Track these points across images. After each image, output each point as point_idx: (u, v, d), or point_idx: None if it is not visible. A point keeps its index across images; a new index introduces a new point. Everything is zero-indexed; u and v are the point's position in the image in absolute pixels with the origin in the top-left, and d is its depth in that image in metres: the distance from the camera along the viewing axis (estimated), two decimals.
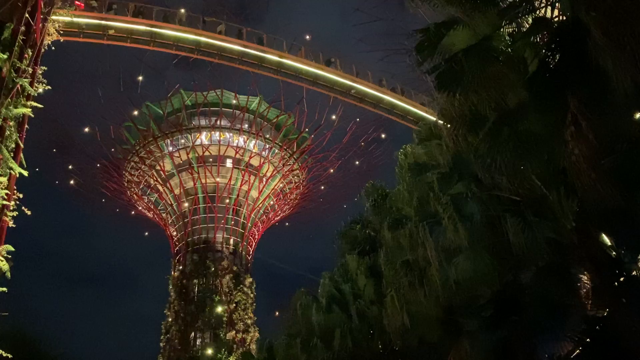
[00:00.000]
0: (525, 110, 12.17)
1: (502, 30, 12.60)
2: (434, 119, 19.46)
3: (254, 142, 62.69)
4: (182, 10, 45.05)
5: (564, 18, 11.71)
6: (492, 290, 13.93)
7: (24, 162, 16.40)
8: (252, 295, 59.71)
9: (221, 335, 55.64)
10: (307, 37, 51.45)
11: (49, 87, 18.44)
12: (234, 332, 56.03)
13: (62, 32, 20.56)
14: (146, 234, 75.28)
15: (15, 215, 16.13)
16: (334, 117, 58.64)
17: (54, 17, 19.63)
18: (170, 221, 64.55)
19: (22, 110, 16.61)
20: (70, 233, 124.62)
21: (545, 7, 12.24)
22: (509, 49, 12.86)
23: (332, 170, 64.70)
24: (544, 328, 12.12)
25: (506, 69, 12.42)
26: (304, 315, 25.80)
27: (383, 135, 60.90)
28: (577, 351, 12.54)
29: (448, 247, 15.13)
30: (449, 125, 14.02)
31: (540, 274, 12.72)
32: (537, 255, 12.63)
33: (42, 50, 18.94)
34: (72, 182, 61.90)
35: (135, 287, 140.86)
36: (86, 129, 57.65)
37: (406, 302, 17.94)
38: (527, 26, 12.39)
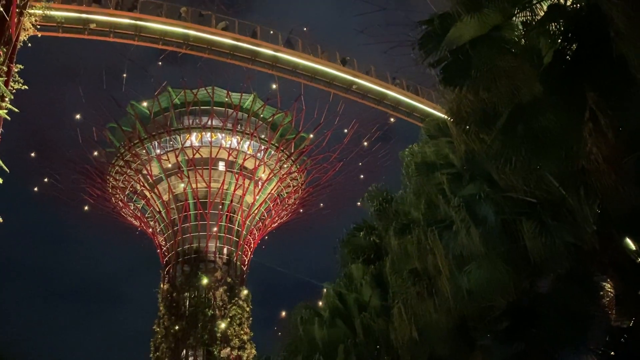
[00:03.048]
0: (541, 105, 12.13)
1: (514, 19, 12.57)
2: (443, 115, 19.42)
3: (248, 143, 62.76)
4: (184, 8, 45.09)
5: (582, 5, 11.68)
6: (508, 301, 13.87)
7: (4, 167, 16.29)
8: (247, 309, 59.68)
9: (215, 352, 55.55)
10: (304, 29, 51.59)
11: (26, 87, 18.38)
12: (228, 349, 55.93)
13: (39, 26, 20.55)
14: (133, 243, 75.33)
15: None
16: (334, 115, 58.71)
17: (30, 11, 19.62)
18: (158, 230, 64.53)
19: None
20: (50, 244, 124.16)
21: None
22: (522, 40, 12.83)
23: (335, 170, 64.67)
24: (564, 340, 12.09)
25: (519, 61, 12.36)
26: (305, 330, 25.73)
27: (387, 135, 61.01)
28: None
29: (459, 253, 15.07)
30: (456, 122, 14.01)
31: (559, 282, 12.70)
32: (555, 262, 12.61)
33: (18, 46, 18.93)
34: (51, 188, 61.84)
35: (122, 301, 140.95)
36: (67, 131, 57.77)
37: (414, 314, 17.89)
38: (541, 14, 12.36)
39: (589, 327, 12.01)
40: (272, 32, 48.33)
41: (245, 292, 60.51)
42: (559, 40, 11.87)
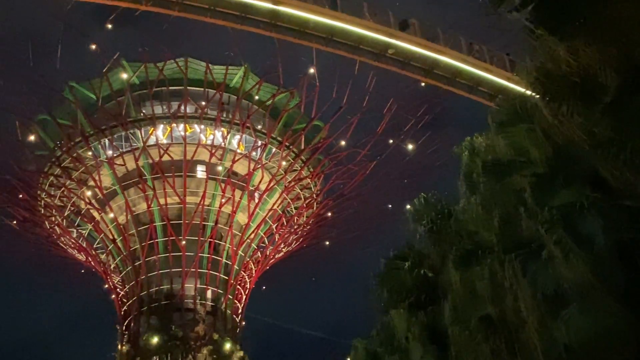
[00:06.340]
0: None
1: None
2: (522, 89, 19.35)
3: (238, 137, 63.08)
4: None
5: None
6: (628, 358, 13.73)
7: None
8: None
9: None
10: None
11: None
12: None
13: None
14: (75, 287, 75.84)
15: None
16: (362, 94, 58.70)
17: None
18: (112, 266, 65.00)
19: None
20: None
21: None
22: None
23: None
24: None
25: (632, 6, 12.31)
26: None
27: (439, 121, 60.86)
28: None
29: (554, 292, 14.95)
30: (546, 97, 13.88)
31: None
32: None
33: None
34: None
35: None
36: None
37: None
38: None
39: None
40: None
41: (239, 353, 60.62)
42: None
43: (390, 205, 64.20)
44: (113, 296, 65.34)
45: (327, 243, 72.00)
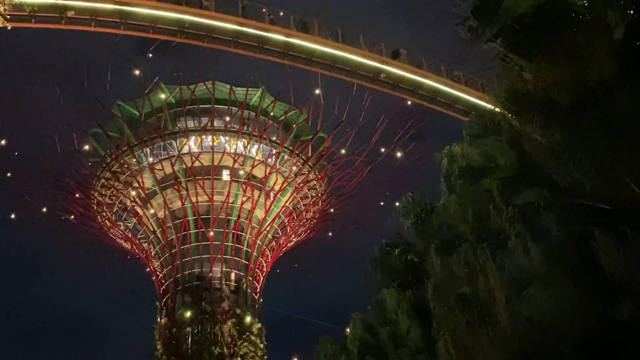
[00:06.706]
0: (612, 88, 12.00)
1: None
2: (491, 106, 19.29)
3: (256, 146, 63.01)
4: None
5: None
6: (581, 331, 13.64)
7: None
8: (261, 346, 59.69)
9: None
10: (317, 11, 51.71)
11: None
12: None
13: (9, 16, 20.76)
14: (123, 271, 75.88)
15: None
16: (359, 110, 58.62)
17: None
18: (153, 253, 64.98)
19: None
20: (21, 275, 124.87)
21: None
22: (587, 11, 12.74)
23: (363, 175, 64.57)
24: None
25: (584, 36, 12.28)
26: None
27: (423, 133, 60.69)
28: None
29: (518, 275, 14.90)
30: (513, 113, 13.88)
31: None
32: (639, 281, 12.35)
33: None
34: (24, 208, 62.62)
35: (110, 340, 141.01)
36: (42, 139, 58.53)
37: (465, 349, 17.69)
38: None
39: None
40: (282, 13, 48.56)
41: (258, 325, 60.50)
42: (631, 12, 11.74)
43: (382, 203, 64.19)
44: (153, 278, 65.32)
45: (330, 234, 72.00)
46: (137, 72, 55.93)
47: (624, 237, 12.42)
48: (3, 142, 55.34)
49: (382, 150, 63.21)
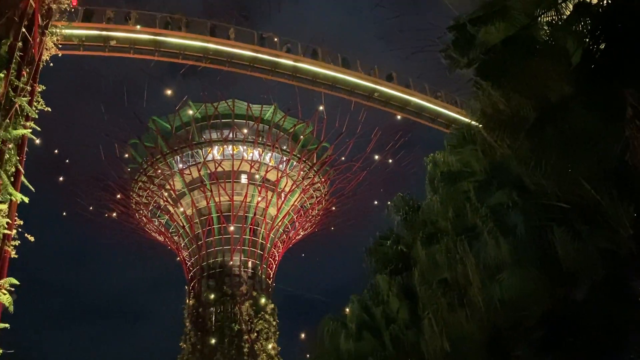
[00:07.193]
0: (570, 105, 12.03)
1: (539, 19, 12.49)
2: (468, 120, 19.33)
3: (270, 154, 63.01)
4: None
5: (609, 2, 11.52)
6: (543, 310, 13.68)
7: (30, 186, 16.51)
8: (274, 323, 59.67)
9: None
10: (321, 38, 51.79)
11: (49, 109, 18.49)
12: None
13: (60, 45, 20.90)
14: (157, 259, 75.99)
15: (17, 244, 16.19)
16: (356, 124, 58.65)
17: (52, 31, 19.98)
18: (182, 245, 65.02)
19: (21, 132, 16.71)
20: (72, 262, 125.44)
21: None
22: (549, 39, 12.74)
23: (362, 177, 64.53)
24: (602, 349, 11.86)
25: (546, 62, 12.32)
26: (332, 344, 25.62)
27: (411, 142, 60.68)
28: None
29: (490, 263, 14.96)
30: (486, 128, 13.94)
31: (595, 289, 12.46)
32: (590, 269, 12.38)
33: (41, 66, 19.27)
34: (75, 206, 62.80)
35: (147, 318, 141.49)
36: (89, 149, 58.72)
37: (445, 326, 17.73)
38: (567, 13, 12.26)
39: (628, 335, 11.75)
40: (290, 42, 48.59)
41: (271, 305, 60.52)
42: (587, 40, 11.75)
43: (376, 202, 64.09)
44: (183, 266, 65.39)
45: (332, 228, 71.95)
46: (168, 92, 56.24)
47: (578, 231, 12.49)
48: (56, 151, 55.67)
49: (376, 157, 63.32)
